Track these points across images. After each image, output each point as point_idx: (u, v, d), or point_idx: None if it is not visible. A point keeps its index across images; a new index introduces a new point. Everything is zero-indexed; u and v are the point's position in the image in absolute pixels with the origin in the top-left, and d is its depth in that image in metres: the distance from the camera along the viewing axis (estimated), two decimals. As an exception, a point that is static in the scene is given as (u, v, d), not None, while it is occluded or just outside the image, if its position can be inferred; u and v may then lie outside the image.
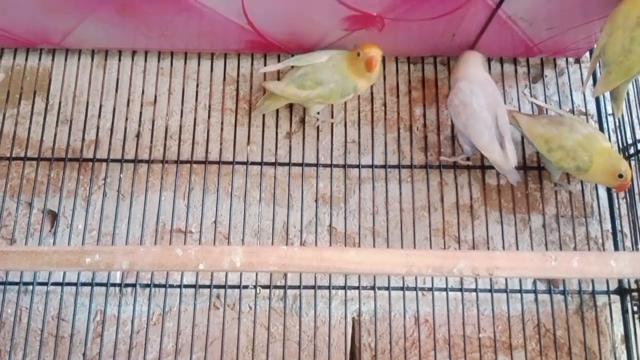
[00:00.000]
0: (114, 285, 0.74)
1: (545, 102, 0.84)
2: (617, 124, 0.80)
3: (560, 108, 0.83)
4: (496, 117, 0.73)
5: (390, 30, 0.76)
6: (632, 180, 0.71)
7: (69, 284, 0.74)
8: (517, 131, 0.79)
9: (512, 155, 0.72)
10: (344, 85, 0.76)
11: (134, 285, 0.74)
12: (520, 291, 0.75)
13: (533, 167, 0.80)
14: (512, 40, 0.80)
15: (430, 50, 0.84)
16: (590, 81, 0.81)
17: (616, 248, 0.77)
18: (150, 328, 0.73)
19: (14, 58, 0.84)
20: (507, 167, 0.73)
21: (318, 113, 0.81)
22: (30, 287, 0.74)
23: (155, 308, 0.74)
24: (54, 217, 0.78)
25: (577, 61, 0.86)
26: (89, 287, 0.74)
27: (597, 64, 0.73)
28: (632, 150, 0.78)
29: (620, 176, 0.69)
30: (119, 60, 0.84)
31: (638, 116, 0.79)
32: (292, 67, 0.78)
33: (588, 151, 0.70)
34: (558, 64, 0.87)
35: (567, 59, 0.87)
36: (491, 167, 0.80)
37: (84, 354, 0.72)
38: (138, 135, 0.81)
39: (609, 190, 0.80)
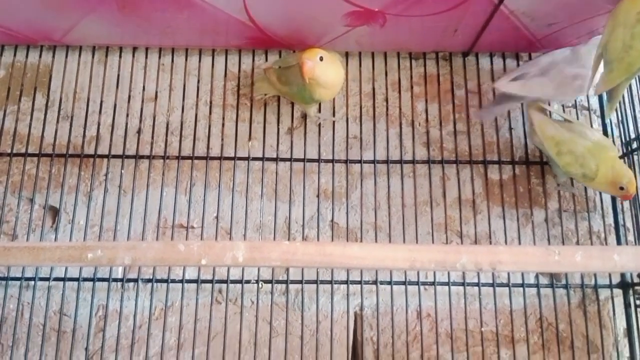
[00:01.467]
0: (115, 280, 0.74)
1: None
2: (620, 118, 0.80)
3: (564, 109, 0.83)
4: None
5: (392, 26, 0.76)
6: (636, 189, 0.70)
7: (70, 279, 0.74)
8: (519, 124, 0.79)
9: None
10: (302, 92, 0.74)
11: (136, 281, 0.74)
12: (522, 285, 0.75)
13: (535, 162, 0.80)
14: (515, 36, 0.79)
15: (432, 46, 0.84)
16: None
17: (619, 242, 0.77)
18: (152, 323, 0.73)
19: (15, 55, 0.84)
20: None
21: (319, 111, 0.81)
22: (32, 282, 0.74)
23: (157, 303, 0.74)
24: (55, 213, 0.78)
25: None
26: (91, 283, 0.74)
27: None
28: (635, 145, 0.78)
29: (622, 188, 0.68)
30: (120, 56, 0.84)
31: (640, 111, 0.79)
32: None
33: (595, 159, 0.70)
34: (560, 59, 0.86)
35: (569, 54, 0.86)
36: (495, 162, 0.80)
37: (86, 349, 0.72)
38: (139, 131, 0.81)
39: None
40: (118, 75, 0.83)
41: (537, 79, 0.75)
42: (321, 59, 0.70)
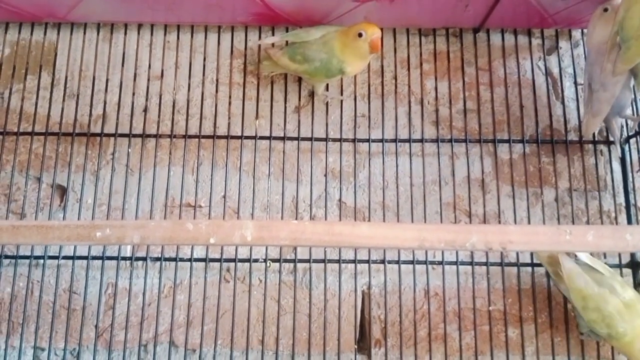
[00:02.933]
0: (124, 259, 0.75)
1: (560, 74, 0.82)
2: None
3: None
4: None
5: (402, 2, 0.74)
6: None
7: (79, 257, 0.74)
8: (529, 102, 0.78)
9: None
10: (329, 65, 0.73)
11: (144, 259, 0.74)
12: (531, 264, 0.75)
13: (546, 141, 0.79)
14: (527, 11, 0.78)
15: (442, 22, 0.82)
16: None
17: (629, 222, 0.77)
18: (161, 301, 0.74)
19: (19, 32, 0.83)
20: None
21: (327, 90, 0.80)
22: (42, 260, 0.74)
23: (166, 281, 0.75)
24: (63, 191, 0.78)
25: (593, 32, 0.84)
26: (100, 261, 0.74)
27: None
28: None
29: None
30: (125, 34, 0.83)
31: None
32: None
33: (625, 322, 0.64)
34: (573, 36, 0.85)
35: (582, 31, 0.84)
36: (505, 141, 0.79)
37: (96, 326, 0.73)
38: (145, 110, 0.80)
39: (623, 164, 0.79)
40: (123, 53, 0.82)
41: None
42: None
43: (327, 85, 0.81)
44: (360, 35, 0.70)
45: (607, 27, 0.70)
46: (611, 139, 0.78)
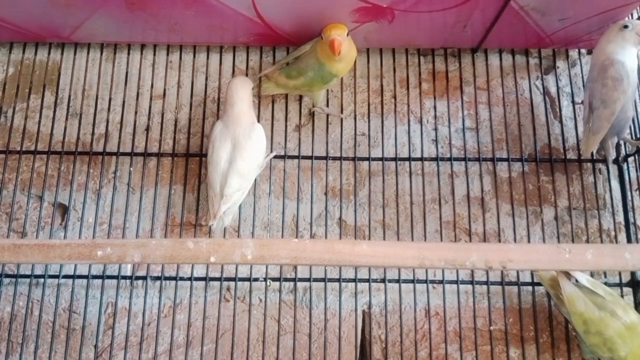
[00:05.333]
0: (124, 277, 0.75)
1: (558, 93, 0.83)
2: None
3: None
4: None
5: (401, 22, 0.75)
6: None
7: (80, 276, 0.74)
8: (527, 121, 0.78)
9: None
10: (321, 72, 0.74)
11: (144, 278, 0.74)
12: (532, 284, 0.74)
13: (545, 160, 0.80)
14: (524, 32, 0.79)
15: (440, 42, 0.83)
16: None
17: (629, 240, 0.77)
18: (161, 320, 0.73)
19: (23, 52, 0.84)
20: None
21: (327, 106, 0.81)
22: (42, 280, 0.74)
23: (166, 300, 0.75)
24: (64, 210, 0.78)
25: (590, 52, 0.85)
26: (100, 280, 0.74)
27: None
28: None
29: None
30: (128, 53, 0.84)
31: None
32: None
33: (627, 345, 0.64)
34: (570, 55, 0.86)
35: (579, 50, 0.86)
36: (504, 159, 0.79)
37: (95, 346, 0.73)
38: (147, 129, 0.81)
39: (622, 182, 0.79)
40: (126, 73, 0.83)
41: None
42: (347, 34, 0.71)
43: (328, 102, 0.81)
44: (322, 38, 0.72)
45: (623, 44, 0.71)
46: (609, 157, 0.79)
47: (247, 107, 0.73)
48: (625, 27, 0.71)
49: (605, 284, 0.74)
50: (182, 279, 0.74)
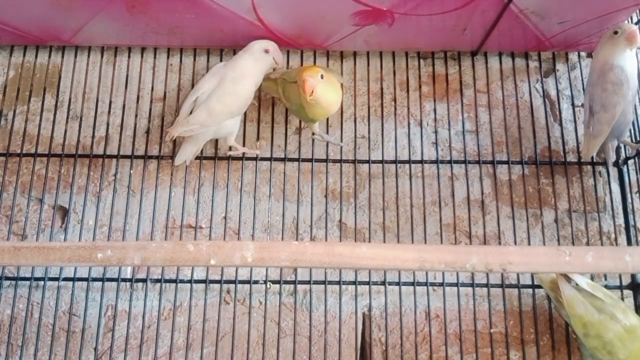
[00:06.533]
0: (124, 280, 0.74)
1: (558, 96, 0.83)
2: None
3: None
4: None
5: (401, 25, 0.76)
6: None
7: (80, 279, 0.74)
8: (527, 124, 0.78)
9: None
10: (301, 112, 0.73)
11: (144, 281, 0.74)
12: (532, 286, 0.74)
13: (545, 162, 0.80)
14: (524, 35, 0.79)
15: (440, 45, 0.84)
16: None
17: (629, 243, 0.77)
18: (161, 323, 0.73)
19: (24, 55, 0.85)
20: None
21: (327, 132, 0.81)
22: (42, 282, 0.74)
23: (166, 303, 0.75)
24: (64, 213, 0.78)
25: (590, 55, 0.85)
26: (100, 283, 0.74)
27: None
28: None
29: None
30: (129, 56, 0.84)
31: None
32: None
33: (626, 349, 0.63)
34: (570, 58, 0.86)
35: (579, 53, 0.86)
36: (504, 162, 0.79)
37: (95, 349, 0.72)
38: (148, 132, 0.81)
39: (622, 185, 0.79)
40: (127, 76, 0.83)
41: None
42: (322, 77, 0.67)
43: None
44: (296, 82, 0.69)
45: (614, 49, 0.71)
46: (609, 160, 0.79)
47: (252, 64, 0.75)
48: (615, 33, 0.71)
49: (606, 286, 0.74)
50: (182, 281, 0.74)
